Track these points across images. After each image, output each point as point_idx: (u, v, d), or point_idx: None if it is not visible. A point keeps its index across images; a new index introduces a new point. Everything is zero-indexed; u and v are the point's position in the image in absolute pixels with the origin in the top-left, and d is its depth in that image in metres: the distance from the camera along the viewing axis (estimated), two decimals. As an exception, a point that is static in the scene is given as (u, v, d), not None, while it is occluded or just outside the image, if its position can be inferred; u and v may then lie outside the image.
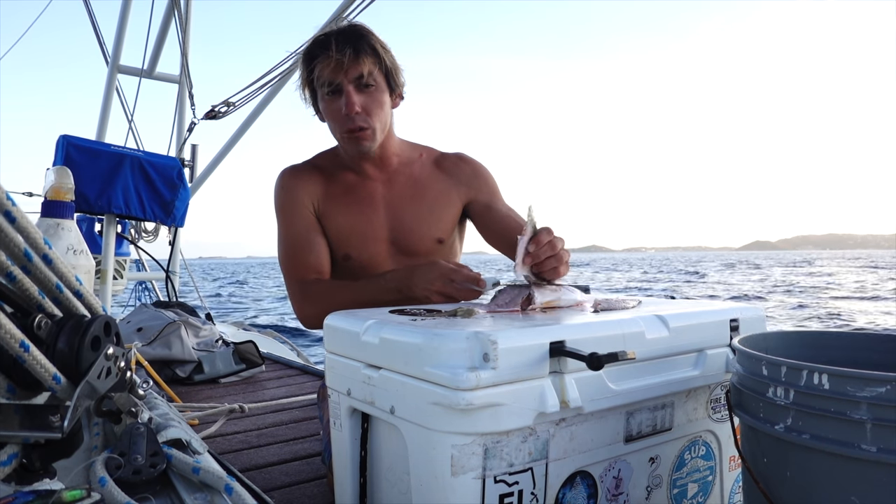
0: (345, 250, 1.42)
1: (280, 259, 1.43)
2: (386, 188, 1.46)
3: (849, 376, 0.69)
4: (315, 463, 1.72)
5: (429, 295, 1.18)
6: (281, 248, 1.44)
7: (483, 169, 1.55)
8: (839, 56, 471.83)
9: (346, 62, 1.29)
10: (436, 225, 1.46)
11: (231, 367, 2.80)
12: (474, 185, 1.51)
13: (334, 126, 1.38)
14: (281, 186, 1.46)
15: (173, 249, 4.47)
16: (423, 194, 1.47)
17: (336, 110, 1.34)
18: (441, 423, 0.77)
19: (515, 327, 0.81)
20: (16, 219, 0.51)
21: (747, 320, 1.06)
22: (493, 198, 1.51)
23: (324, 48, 1.31)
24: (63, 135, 2.76)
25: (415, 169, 1.49)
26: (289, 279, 1.40)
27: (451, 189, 1.49)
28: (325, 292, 1.34)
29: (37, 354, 0.52)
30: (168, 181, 3.03)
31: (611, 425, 0.89)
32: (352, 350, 0.96)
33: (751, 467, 0.84)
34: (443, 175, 1.51)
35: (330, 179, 1.46)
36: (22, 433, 0.54)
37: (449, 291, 1.18)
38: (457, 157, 1.55)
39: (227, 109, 4.31)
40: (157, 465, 0.66)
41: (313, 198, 1.44)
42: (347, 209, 1.43)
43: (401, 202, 1.45)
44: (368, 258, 1.42)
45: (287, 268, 1.41)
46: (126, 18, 4.79)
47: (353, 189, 1.45)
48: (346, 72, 1.31)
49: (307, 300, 1.36)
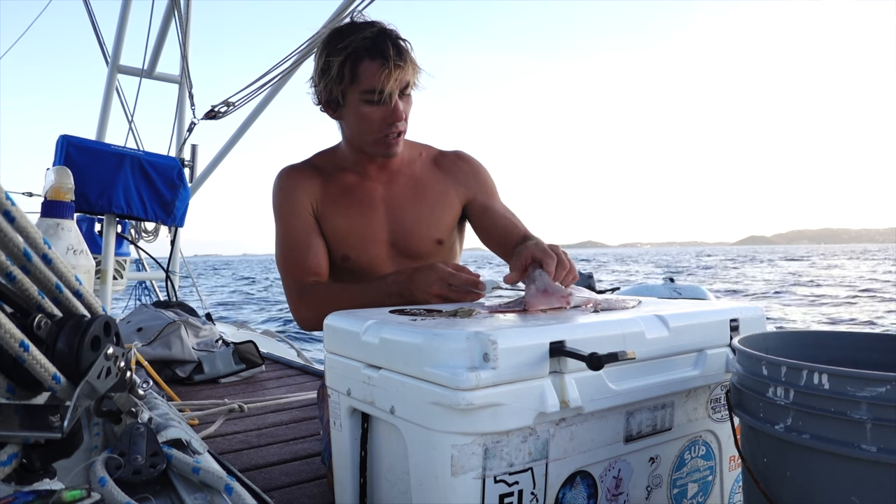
0: (344, 251, 1.42)
1: (278, 260, 1.43)
2: (386, 189, 1.45)
3: (849, 376, 0.69)
4: (315, 463, 1.72)
5: (428, 298, 1.18)
6: (279, 249, 1.43)
7: (482, 168, 1.54)
8: (831, 51, 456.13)
9: (400, 72, 1.28)
10: (436, 226, 1.45)
11: (231, 367, 2.80)
12: (473, 184, 1.50)
13: (368, 129, 1.34)
14: (279, 187, 1.45)
15: (173, 249, 4.47)
16: (424, 195, 1.46)
17: (380, 116, 1.32)
18: (441, 423, 0.77)
19: (515, 327, 0.81)
20: (15, 218, 0.51)
21: (747, 320, 1.06)
22: (490, 198, 1.51)
23: (376, 54, 1.27)
24: (63, 135, 2.76)
25: (415, 169, 1.49)
26: (286, 280, 1.40)
27: (451, 189, 1.49)
28: (323, 295, 1.33)
29: (37, 354, 0.52)
30: (168, 181, 3.03)
31: (611, 425, 0.89)
32: (352, 350, 0.96)
33: (751, 467, 0.84)
34: (442, 175, 1.50)
35: (329, 180, 1.45)
36: (22, 433, 0.54)
37: (448, 294, 1.18)
38: (455, 155, 1.54)
39: (227, 109, 4.31)
40: (157, 465, 0.66)
41: (312, 198, 1.42)
42: (347, 210, 1.42)
43: (401, 203, 1.44)
44: (368, 259, 1.42)
45: (285, 269, 1.40)
46: (126, 18, 4.78)
47: (353, 190, 1.44)
48: (398, 81, 1.29)
49: (304, 302, 1.35)
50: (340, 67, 1.29)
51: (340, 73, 1.30)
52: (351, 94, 1.32)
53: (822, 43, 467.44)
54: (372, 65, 1.27)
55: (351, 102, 1.33)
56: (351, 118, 1.36)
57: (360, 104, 1.32)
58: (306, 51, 3.18)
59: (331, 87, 1.33)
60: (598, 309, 1.03)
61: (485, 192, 1.51)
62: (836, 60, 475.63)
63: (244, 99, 4.09)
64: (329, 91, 1.34)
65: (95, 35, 5.13)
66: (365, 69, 1.28)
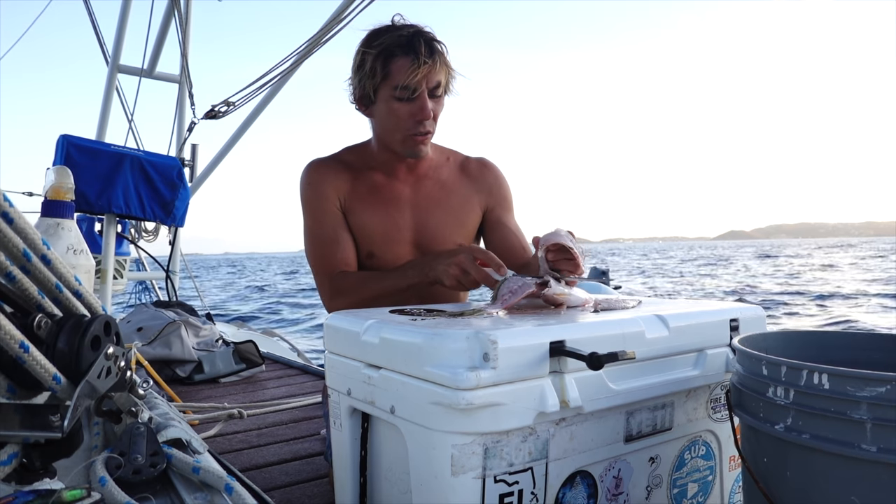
0: (369, 248, 1.44)
1: (308, 254, 1.45)
2: (413, 190, 1.47)
3: (849, 376, 0.69)
4: (315, 463, 1.72)
5: (446, 278, 1.20)
6: (308, 243, 1.46)
7: (504, 180, 1.58)
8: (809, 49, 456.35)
9: (430, 69, 1.30)
10: (459, 230, 1.48)
11: (231, 367, 2.80)
12: (495, 194, 1.54)
13: (397, 126, 1.37)
14: (307, 182, 1.47)
15: (173, 249, 4.47)
16: (449, 199, 1.49)
17: (408, 113, 1.34)
18: (441, 423, 0.77)
19: (515, 327, 0.81)
20: (14, 220, 0.51)
21: (747, 320, 1.06)
22: (506, 212, 1.55)
23: (409, 51, 1.30)
24: (63, 134, 2.76)
25: (442, 173, 1.52)
26: (318, 274, 1.43)
27: (474, 195, 1.52)
28: (354, 283, 1.37)
29: (37, 354, 0.52)
30: (168, 181, 3.03)
31: (611, 425, 0.89)
32: (352, 350, 0.96)
33: (751, 467, 0.84)
34: (467, 180, 1.53)
35: (357, 177, 1.47)
36: (22, 433, 0.54)
37: (462, 277, 1.19)
38: (480, 162, 1.57)
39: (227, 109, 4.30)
40: (157, 464, 0.66)
41: (340, 193, 1.44)
42: (374, 209, 1.44)
43: (427, 205, 1.47)
44: (392, 258, 1.44)
45: (316, 263, 1.43)
46: (126, 18, 4.78)
47: (381, 189, 1.46)
48: (428, 78, 1.32)
49: (337, 293, 1.38)
50: (374, 63, 1.33)
51: (373, 68, 1.33)
52: (383, 90, 1.35)
53: (799, 42, 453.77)
54: (404, 61, 1.30)
55: (382, 98, 1.36)
56: (381, 114, 1.39)
57: (391, 100, 1.34)
58: (306, 51, 3.18)
59: (364, 83, 1.36)
60: (598, 309, 1.03)
61: (502, 205, 1.55)
62: (813, 59, 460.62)
63: (244, 99, 4.09)
64: (363, 86, 1.37)
65: (95, 35, 5.13)
66: (396, 65, 1.31)
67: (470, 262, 1.18)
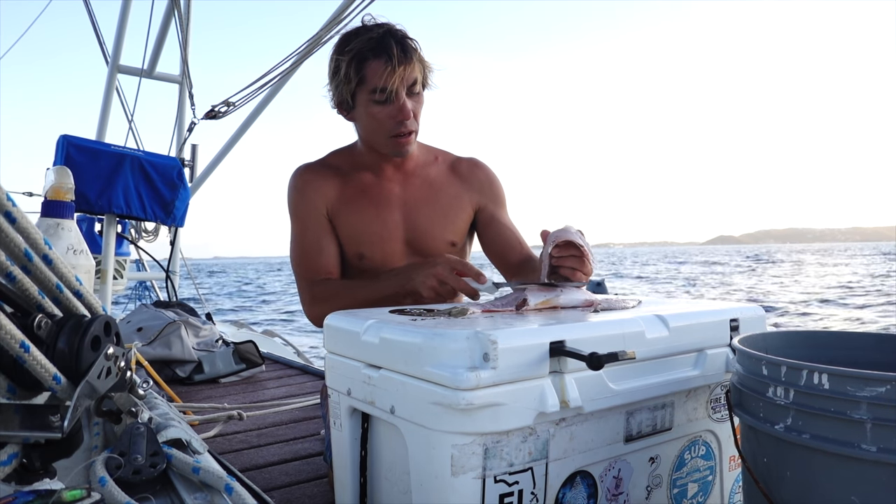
0: (359, 249, 1.44)
1: (292, 260, 1.46)
2: (402, 189, 1.47)
3: (849, 376, 0.69)
4: (315, 463, 1.72)
5: (423, 290, 1.20)
6: (293, 249, 1.46)
7: (495, 178, 1.57)
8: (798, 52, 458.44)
9: (404, 70, 1.29)
10: (449, 228, 1.48)
11: (231, 367, 2.80)
12: (486, 193, 1.54)
13: (379, 129, 1.36)
14: (294, 187, 1.47)
15: (173, 249, 4.47)
16: (438, 197, 1.49)
17: (387, 115, 1.33)
18: (441, 423, 0.77)
19: (515, 327, 0.81)
20: (16, 219, 0.51)
21: (747, 320, 1.06)
22: (499, 210, 1.54)
23: (380, 53, 1.29)
24: (63, 135, 2.76)
25: (430, 172, 1.51)
26: (299, 280, 1.43)
27: (464, 194, 1.51)
28: (332, 291, 1.37)
29: (37, 354, 0.52)
30: (168, 181, 3.03)
31: (611, 425, 0.89)
32: (352, 350, 0.96)
33: (751, 467, 0.84)
34: (457, 179, 1.53)
35: (345, 179, 1.46)
36: (22, 433, 0.54)
37: (440, 292, 1.20)
38: (471, 162, 1.57)
39: (227, 109, 4.30)
40: (157, 464, 0.66)
41: (326, 199, 1.44)
42: (363, 209, 1.44)
43: (416, 204, 1.47)
44: (382, 258, 1.44)
45: (298, 269, 1.44)
46: (126, 18, 4.78)
47: (370, 189, 1.46)
48: (404, 78, 1.31)
49: (316, 300, 1.38)
50: (347, 69, 1.32)
51: (348, 74, 1.32)
52: (360, 94, 1.34)
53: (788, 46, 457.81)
54: (377, 64, 1.29)
55: (361, 103, 1.35)
56: (362, 119, 1.38)
57: (369, 104, 1.34)
58: (306, 51, 3.18)
59: (341, 89, 1.36)
60: (598, 309, 1.03)
61: (495, 203, 1.54)
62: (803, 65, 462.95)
63: (244, 99, 4.09)
64: (340, 93, 1.36)
65: (95, 35, 5.13)
66: (370, 69, 1.30)
67: (447, 273, 1.18)
